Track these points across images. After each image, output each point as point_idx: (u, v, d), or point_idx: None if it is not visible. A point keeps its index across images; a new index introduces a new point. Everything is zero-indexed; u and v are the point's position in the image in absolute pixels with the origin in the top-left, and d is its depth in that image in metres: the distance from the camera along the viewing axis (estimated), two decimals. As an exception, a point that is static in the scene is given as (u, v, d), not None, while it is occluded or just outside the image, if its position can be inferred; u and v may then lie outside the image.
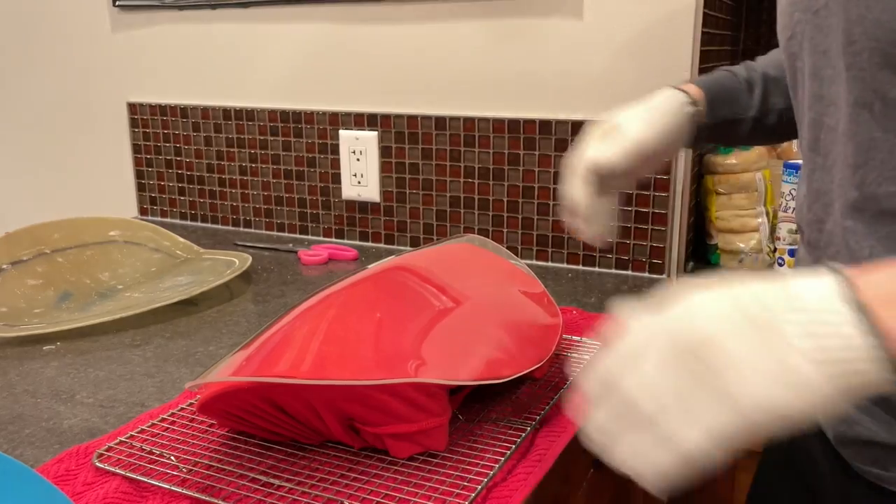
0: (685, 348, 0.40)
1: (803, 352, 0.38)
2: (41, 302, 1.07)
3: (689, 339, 0.40)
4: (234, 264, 1.15)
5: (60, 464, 0.66)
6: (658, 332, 0.41)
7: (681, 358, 0.40)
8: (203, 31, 1.46)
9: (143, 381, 0.84)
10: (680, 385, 0.40)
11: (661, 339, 0.41)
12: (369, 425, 0.64)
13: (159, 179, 1.57)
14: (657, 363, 0.41)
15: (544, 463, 0.66)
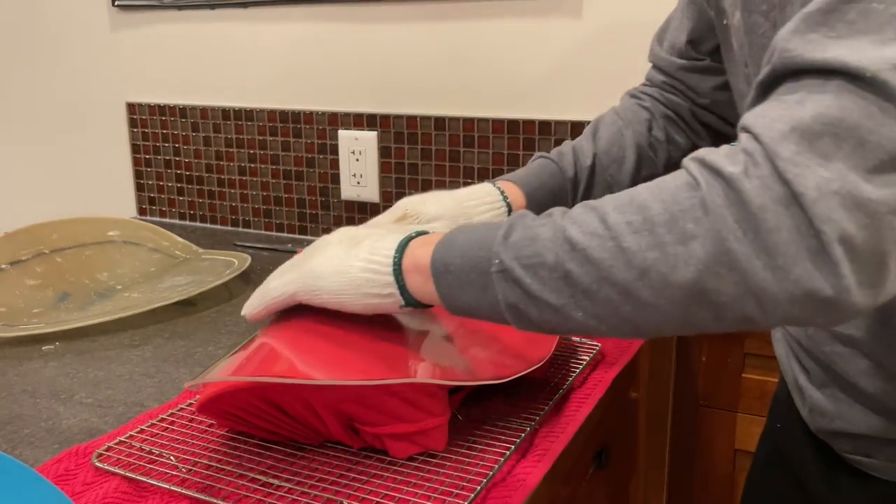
0: (311, 247, 0.65)
1: (360, 259, 0.60)
2: (40, 302, 1.07)
3: (318, 241, 0.66)
4: (234, 265, 1.15)
5: (60, 464, 0.66)
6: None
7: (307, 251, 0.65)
8: (202, 31, 1.46)
9: (142, 381, 0.84)
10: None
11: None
12: (369, 425, 0.64)
13: (158, 179, 1.57)
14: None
15: (544, 463, 0.66)
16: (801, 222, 0.41)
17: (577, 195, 0.81)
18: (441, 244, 0.57)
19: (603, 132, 0.83)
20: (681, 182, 0.46)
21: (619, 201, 0.48)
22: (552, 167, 0.80)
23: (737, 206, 0.43)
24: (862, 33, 0.43)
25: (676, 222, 0.45)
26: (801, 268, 0.42)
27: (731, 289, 0.44)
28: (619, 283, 0.47)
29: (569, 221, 0.50)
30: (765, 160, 0.42)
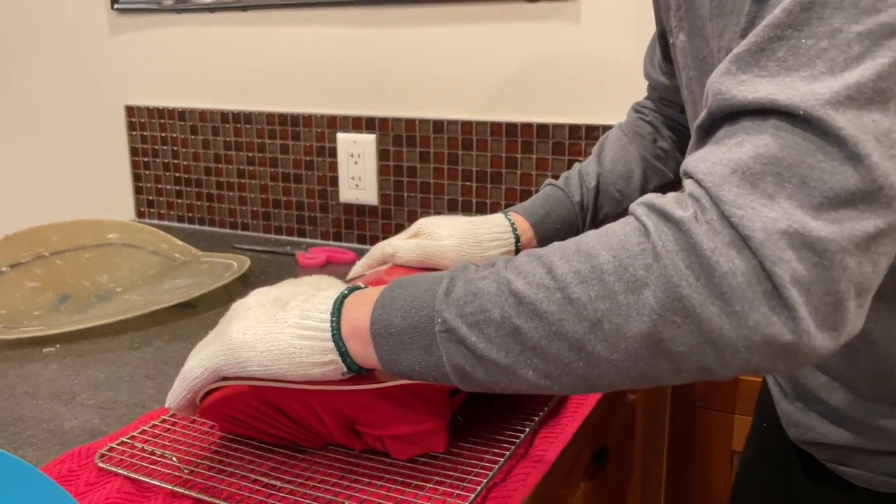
0: (228, 314, 0.60)
1: (290, 325, 0.55)
2: (40, 304, 1.07)
3: (234, 307, 0.60)
4: (233, 267, 1.16)
5: (63, 464, 0.66)
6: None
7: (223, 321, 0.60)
8: (201, 34, 1.46)
9: (143, 382, 0.84)
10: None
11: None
12: (370, 427, 0.65)
13: (157, 182, 1.57)
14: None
15: (543, 464, 0.67)
16: (753, 266, 0.40)
17: (586, 218, 0.80)
18: (379, 303, 0.52)
19: (608, 150, 0.84)
20: (629, 229, 0.44)
21: (566, 250, 0.46)
22: (559, 194, 0.81)
23: (687, 251, 0.41)
24: (793, 70, 0.42)
25: (626, 270, 0.43)
26: (758, 313, 0.40)
27: (688, 337, 0.42)
28: (570, 338, 0.45)
29: (513, 273, 0.47)
30: (711, 205, 0.41)
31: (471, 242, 0.73)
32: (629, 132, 0.85)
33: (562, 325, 0.44)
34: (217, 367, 0.58)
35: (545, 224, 0.78)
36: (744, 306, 0.40)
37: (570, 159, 1.20)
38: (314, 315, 0.54)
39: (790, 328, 0.40)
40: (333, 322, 0.54)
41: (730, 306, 0.40)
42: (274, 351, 0.55)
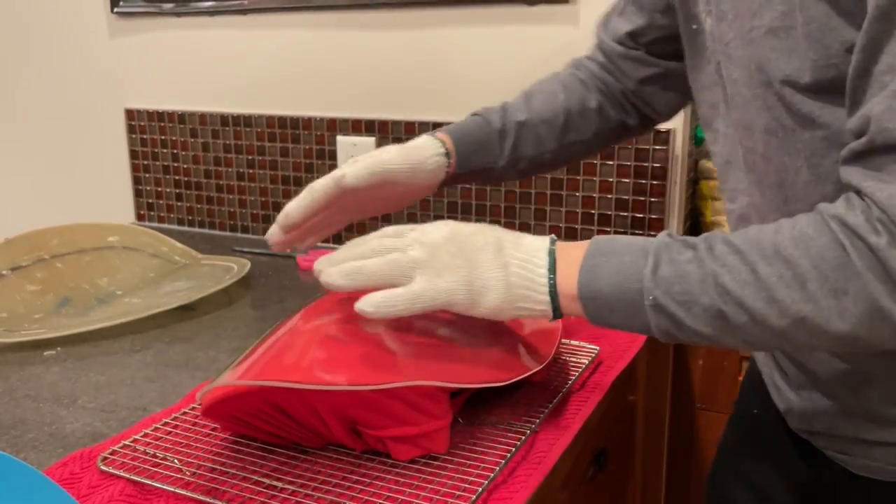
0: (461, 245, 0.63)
1: (516, 276, 0.61)
2: (41, 307, 1.08)
3: (461, 238, 0.63)
4: (233, 270, 1.16)
5: (65, 467, 0.66)
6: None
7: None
8: (201, 37, 1.46)
9: (144, 385, 0.84)
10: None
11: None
12: (372, 428, 0.65)
13: (157, 185, 1.57)
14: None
15: (544, 465, 0.67)
16: None
17: (504, 146, 0.83)
18: (585, 269, 0.60)
19: (538, 94, 0.86)
20: (825, 240, 0.52)
21: (765, 252, 0.54)
22: (479, 120, 0.83)
23: (881, 270, 0.49)
24: None
25: (827, 279, 0.51)
26: None
27: (885, 334, 0.51)
28: (774, 328, 0.54)
29: (718, 266, 0.55)
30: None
31: (414, 163, 0.76)
32: (563, 81, 0.87)
33: (766, 318, 0.53)
34: (453, 302, 0.61)
35: (464, 142, 0.81)
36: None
37: (569, 162, 1.21)
38: (533, 269, 0.62)
39: None
40: (551, 279, 0.61)
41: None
42: (501, 298, 0.61)
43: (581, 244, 0.62)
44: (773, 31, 0.57)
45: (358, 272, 0.61)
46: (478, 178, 0.85)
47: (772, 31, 0.57)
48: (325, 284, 0.62)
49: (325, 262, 0.64)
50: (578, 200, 1.21)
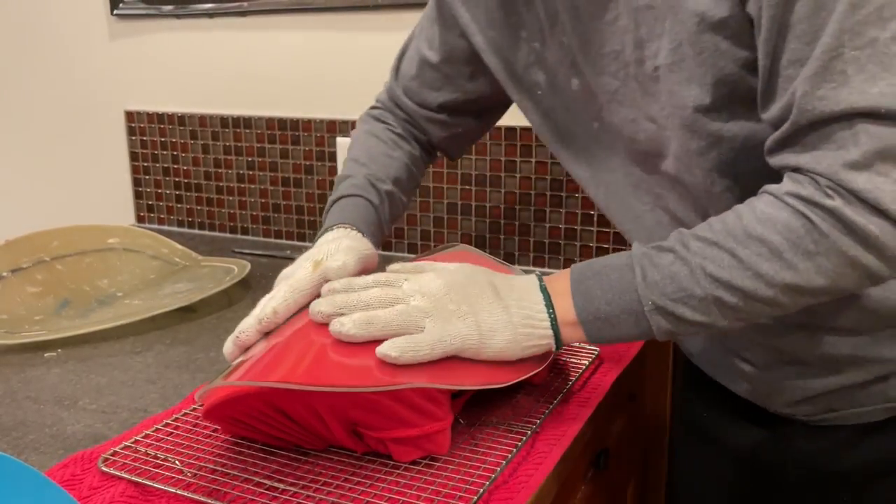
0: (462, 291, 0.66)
1: (518, 316, 0.66)
2: (41, 309, 1.08)
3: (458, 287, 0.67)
4: (233, 271, 1.16)
5: (66, 469, 0.66)
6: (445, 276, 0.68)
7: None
8: (201, 39, 1.47)
9: (145, 387, 0.84)
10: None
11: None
12: (373, 430, 0.65)
13: (156, 187, 1.58)
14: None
15: (545, 465, 0.67)
16: (892, 225, 0.56)
17: (385, 217, 0.87)
18: (578, 295, 0.66)
19: (378, 156, 0.90)
20: (787, 214, 0.58)
21: (737, 238, 0.60)
22: (363, 201, 0.85)
23: (845, 227, 0.57)
24: (854, 77, 0.55)
25: (798, 246, 0.58)
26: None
27: (855, 280, 0.59)
28: (764, 298, 0.60)
29: (700, 259, 0.61)
30: (847, 193, 0.56)
31: (373, 249, 0.78)
32: (387, 140, 0.92)
33: (756, 293, 0.60)
34: (466, 347, 0.65)
35: (368, 228, 0.83)
36: (894, 252, 0.57)
37: (569, 163, 1.21)
38: (532, 306, 0.66)
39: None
40: (551, 313, 0.66)
41: (883, 254, 0.57)
42: (509, 339, 0.65)
43: (561, 276, 0.68)
44: (670, 67, 0.64)
45: (371, 322, 0.63)
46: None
47: (669, 66, 0.64)
48: (335, 333, 0.63)
49: (327, 305, 0.65)
50: (578, 202, 1.21)
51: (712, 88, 0.63)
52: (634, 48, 0.67)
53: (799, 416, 0.75)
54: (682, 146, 0.67)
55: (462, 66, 0.87)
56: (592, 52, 0.71)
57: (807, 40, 0.57)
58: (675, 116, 0.66)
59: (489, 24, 0.81)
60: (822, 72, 0.56)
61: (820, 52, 0.56)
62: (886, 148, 0.55)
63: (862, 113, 0.55)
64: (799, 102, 0.57)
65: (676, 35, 0.63)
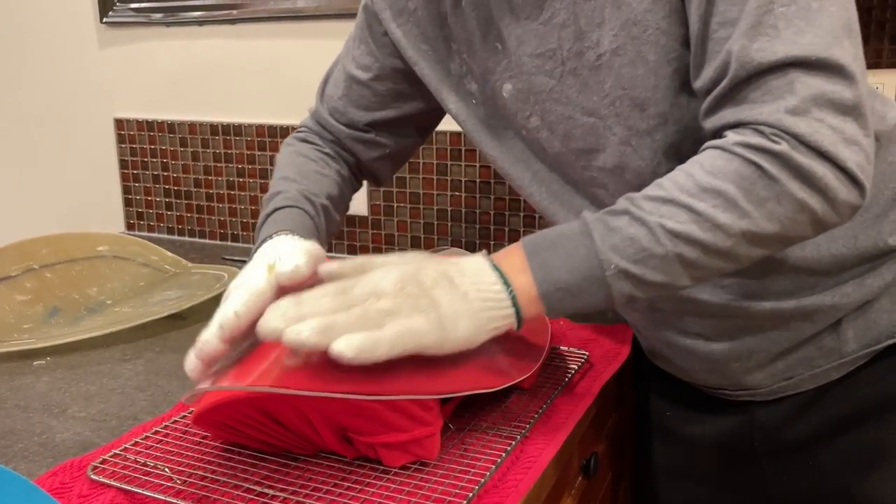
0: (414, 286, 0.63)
1: (474, 298, 0.63)
2: (30, 317, 1.07)
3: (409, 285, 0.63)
4: (223, 278, 1.16)
5: (55, 477, 0.66)
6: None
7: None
8: (190, 47, 1.47)
9: (135, 394, 0.84)
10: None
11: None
12: (363, 435, 0.65)
13: (146, 194, 1.57)
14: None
15: (534, 470, 0.67)
16: (834, 166, 0.59)
17: (321, 230, 0.83)
18: (536, 268, 0.64)
19: (311, 174, 0.87)
20: (737, 164, 0.60)
21: (691, 192, 0.61)
22: (300, 211, 0.81)
23: (793, 170, 0.59)
24: (784, 30, 0.59)
25: (751, 192, 0.59)
26: (842, 193, 0.60)
27: (805, 226, 0.61)
28: (721, 250, 0.61)
29: (657, 217, 0.61)
30: (791, 137, 0.59)
31: (318, 258, 0.69)
32: (316, 159, 0.90)
33: (715, 244, 0.61)
34: (427, 342, 0.61)
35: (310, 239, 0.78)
36: (837, 193, 0.59)
37: (558, 169, 1.21)
38: (489, 287, 0.64)
39: (859, 192, 0.60)
40: (510, 291, 0.64)
41: (826, 195, 0.59)
42: (472, 327, 0.63)
43: (511, 251, 0.66)
44: (615, 52, 0.67)
45: (330, 328, 0.58)
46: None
47: (614, 51, 0.67)
48: (293, 343, 0.58)
49: (278, 321, 0.59)
50: (567, 207, 1.22)
51: (656, 67, 0.66)
52: (575, 41, 0.69)
53: (759, 394, 0.79)
54: (630, 129, 0.70)
55: (392, 83, 0.88)
56: (527, 53, 0.73)
57: (735, 2, 0.60)
58: (623, 100, 0.68)
59: (422, 38, 0.82)
60: (756, 26, 0.59)
61: (753, 9, 0.60)
62: (819, 94, 0.58)
63: (795, 62, 0.58)
64: (738, 56, 0.60)
65: (618, 19, 0.66)
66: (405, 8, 0.83)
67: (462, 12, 0.77)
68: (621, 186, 0.73)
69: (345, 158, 0.93)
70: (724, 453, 0.85)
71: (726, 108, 0.62)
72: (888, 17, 1.09)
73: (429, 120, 0.93)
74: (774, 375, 0.78)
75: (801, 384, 0.78)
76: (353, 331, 0.59)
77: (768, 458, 0.82)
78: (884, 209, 0.73)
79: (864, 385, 0.76)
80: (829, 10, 0.59)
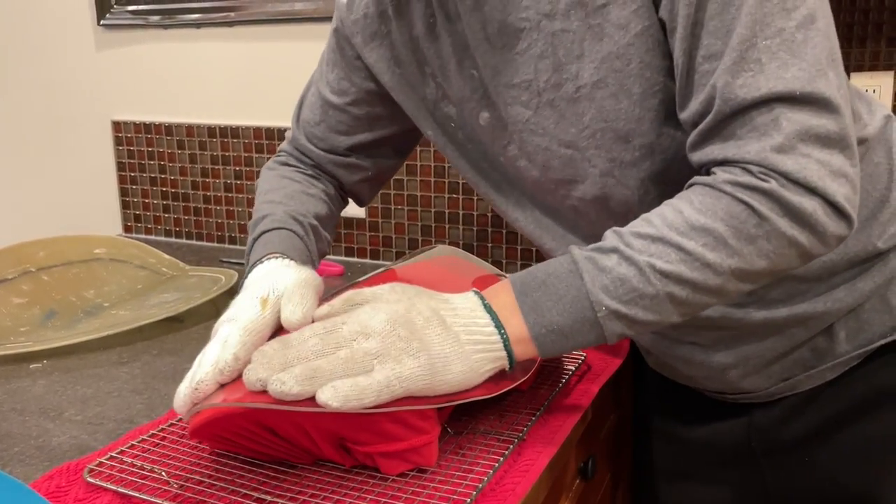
0: (407, 326, 0.61)
1: (465, 340, 0.62)
2: (27, 320, 1.07)
3: (404, 318, 0.62)
4: (221, 281, 1.16)
5: (51, 480, 0.66)
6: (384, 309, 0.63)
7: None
8: (188, 49, 1.47)
9: (132, 397, 0.84)
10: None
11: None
12: (361, 445, 0.65)
13: (144, 197, 1.57)
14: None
15: (531, 474, 0.67)
16: (823, 201, 0.59)
17: (312, 251, 0.82)
18: (528, 310, 0.63)
19: (297, 194, 0.87)
20: (726, 202, 0.60)
21: (680, 230, 0.61)
22: (289, 233, 0.81)
23: (782, 207, 0.59)
24: (767, 65, 0.59)
25: (741, 231, 0.60)
26: (831, 226, 0.60)
27: (793, 260, 0.61)
28: (712, 288, 0.61)
29: (647, 256, 0.61)
30: (779, 175, 0.59)
31: (316, 287, 0.70)
32: (301, 180, 0.89)
33: (705, 283, 0.61)
34: (417, 388, 0.60)
35: (302, 260, 0.78)
36: (826, 227, 0.60)
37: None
38: (479, 329, 0.63)
39: (847, 224, 0.61)
40: (503, 334, 0.63)
41: (815, 230, 0.60)
42: (465, 370, 0.62)
43: (501, 289, 0.65)
44: (595, 84, 0.66)
45: (314, 376, 0.57)
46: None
47: (594, 84, 0.66)
48: (277, 394, 0.57)
49: (263, 369, 0.58)
50: (565, 210, 1.22)
51: (641, 99, 0.66)
52: (553, 72, 0.68)
53: (757, 396, 0.79)
54: (613, 161, 0.69)
55: (369, 106, 0.87)
56: (503, 83, 0.72)
57: (719, 35, 0.60)
58: (605, 132, 0.68)
59: (396, 63, 0.81)
60: (739, 61, 0.59)
61: (736, 44, 0.59)
62: (804, 130, 0.58)
63: (780, 97, 0.58)
64: (721, 93, 0.60)
65: (599, 52, 0.65)
66: (377, 31, 0.81)
67: (437, 38, 0.76)
68: (605, 215, 0.73)
69: (328, 180, 0.93)
70: (723, 454, 0.85)
71: (713, 144, 0.62)
72: (885, 20, 1.10)
73: (407, 141, 0.92)
74: (771, 378, 0.78)
75: (797, 385, 0.78)
76: (338, 377, 0.58)
77: (766, 457, 0.82)
78: (872, 212, 0.73)
79: (858, 383, 0.76)
80: (814, 41, 0.59)
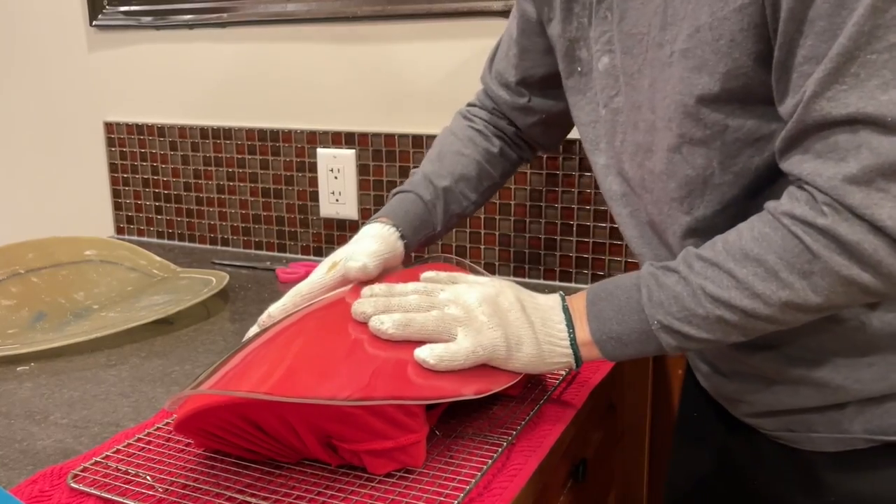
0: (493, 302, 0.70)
1: (542, 333, 0.70)
2: (15, 322, 1.06)
3: (491, 298, 0.70)
4: (212, 283, 1.15)
5: (34, 485, 0.65)
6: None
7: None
8: (180, 50, 1.46)
9: (118, 401, 0.83)
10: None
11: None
12: (347, 442, 0.64)
13: (136, 198, 1.56)
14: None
15: (520, 478, 0.67)
16: (889, 242, 0.56)
17: (437, 214, 0.91)
18: (592, 317, 0.69)
19: (447, 153, 0.94)
20: (781, 234, 0.60)
21: (735, 257, 0.62)
22: (412, 196, 0.91)
23: (837, 244, 0.57)
24: (866, 81, 0.54)
25: (793, 266, 0.59)
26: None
27: (851, 297, 0.60)
28: (763, 316, 0.62)
29: (701, 279, 0.63)
30: (843, 209, 0.56)
31: (393, 249, 0.84)
32: (463, 138, 0.95)
33: (755, 311, 0.62)
34: (496, 356, 0.68)
35: (407, 223, 0.88)
36: (890, 268, 0.57)
37: (548, 173, 1.21)
38: (554, 325, 0.70)
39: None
40: (571, 333, 0.70)
41: (878, 271, 0.57)
42: (534, 353, 0.69)
43: (580, 295, 0.71)
44: (684, 53, 0.64)
45: (408, 324, 0.67)
46: (423, 247, 0.92)
47: (683, 52, 0.64)
48: (375, 331, 0.67)
49: (370, 306, 0.69)
50: (558, 212, 1.22)
51: (722, 78, 0.62)
52: (659, 31, 0.66)
53: (764, 430, 0.76)
54: (682, 136, 0.66)
55: (535, 36, 0.88)
56: (625, 30, 0.70)
57: (825, 38, 0.55)
58: (678, 105, 0.65)
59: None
60: (834, 73, 0.55)
61: (835, 53, 0.55)
62: (887, 163, 0.54)
63: (867, 120, 0.54)
64: (807, 102, 0.57)
65: (697, 19, 0.62)
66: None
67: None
68: (663, 197, 0.71)
69: (503, 131, 0.96)
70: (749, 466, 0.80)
71: (794, 154, 0.60)
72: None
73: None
74: (776, 421, 0.74)
75: (800, 441, 0.73)
76: (427, 331, 0.67)
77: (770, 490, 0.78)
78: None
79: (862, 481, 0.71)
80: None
